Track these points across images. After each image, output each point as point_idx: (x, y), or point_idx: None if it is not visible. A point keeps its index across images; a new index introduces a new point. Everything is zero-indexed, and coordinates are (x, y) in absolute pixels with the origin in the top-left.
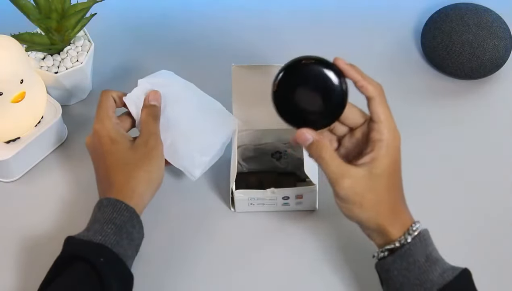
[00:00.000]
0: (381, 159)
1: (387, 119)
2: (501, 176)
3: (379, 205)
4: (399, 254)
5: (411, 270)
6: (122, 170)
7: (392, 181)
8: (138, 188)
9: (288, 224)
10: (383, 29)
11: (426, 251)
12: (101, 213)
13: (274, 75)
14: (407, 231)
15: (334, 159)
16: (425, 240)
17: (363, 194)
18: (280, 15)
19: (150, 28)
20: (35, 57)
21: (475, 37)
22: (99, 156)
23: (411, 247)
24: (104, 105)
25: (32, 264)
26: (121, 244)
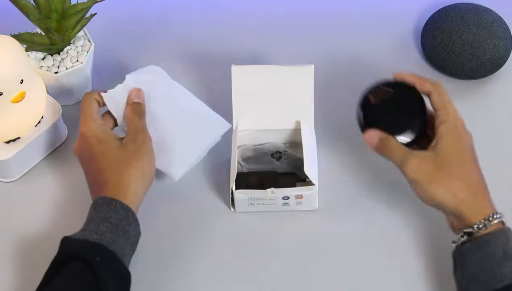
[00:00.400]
0: (444, 137)
1: (444, 106)
2: (501, 176)
3: (452, 184)
4: (478, 243)
5: (488, 260)
6: (114, 169)
7: (462, 159)
8: (131, 185)
9: (288, 224)
10: (383, 29)
11: (505, 245)
12: (96, 212)
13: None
14: (486, 218)
15: (399, 147)
16: (506, 234)
17: (432, 171)
18: (280, 15)
19: (150, 28)
20: (35, 57)
21: (475, 37)
22: (88, 158)
23: (491, 238)
24: (87, 107)
25: (32, 263)
26: (117, 242)
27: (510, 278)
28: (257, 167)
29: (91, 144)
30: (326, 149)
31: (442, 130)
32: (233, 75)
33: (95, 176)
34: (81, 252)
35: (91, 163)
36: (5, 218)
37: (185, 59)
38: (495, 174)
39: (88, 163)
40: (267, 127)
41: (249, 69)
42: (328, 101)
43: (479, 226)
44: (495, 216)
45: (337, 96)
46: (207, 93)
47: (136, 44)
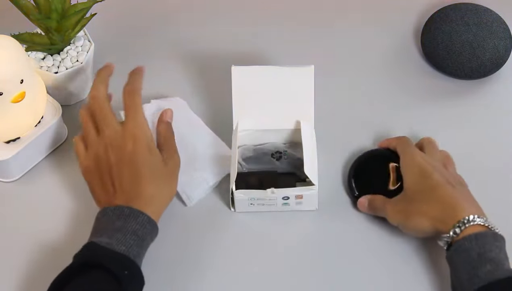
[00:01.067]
0: (405, 177)
1: (403, 152)
2: (502, 176)
3: (422, 209)
4: (453, 250)
5: (464, 265)
6: (154, 183)
7: (424, 187)
8: (162, 203)
9: (288, 224)
10: (383, 29)
11: (480, 249)
12: (122, 222)
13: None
14: (458, 224)
15: (381, 201)
16: (482, 238)
17: (405, 209)
18: (280, 14)
19: (150, 28)
20: (35, 57)
21: (475, 37)
22: (127, 160)
23: (465, 243)
24: (141, 109)
25: (32, 263)
26: (141, 256)
27: (485, 279)
28: (257, 167)
29: (140, 152)
30: (326, 148)
31: (403, 173)
32: (233, 76)
33: (128, 181)
34: (109, 263)
35: (128, 167)
36: (4, 218)
37: (185, 59)
38: (495, 174)
39: (123, 164)
40: (267, 128)
41: (249, 69)
42: (328, 101)
43: (451, 236)
44: (470, 220)
45: (337, 96)
46: (207, 93)
47: (136, 44)
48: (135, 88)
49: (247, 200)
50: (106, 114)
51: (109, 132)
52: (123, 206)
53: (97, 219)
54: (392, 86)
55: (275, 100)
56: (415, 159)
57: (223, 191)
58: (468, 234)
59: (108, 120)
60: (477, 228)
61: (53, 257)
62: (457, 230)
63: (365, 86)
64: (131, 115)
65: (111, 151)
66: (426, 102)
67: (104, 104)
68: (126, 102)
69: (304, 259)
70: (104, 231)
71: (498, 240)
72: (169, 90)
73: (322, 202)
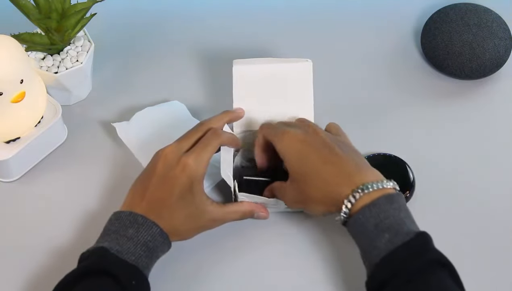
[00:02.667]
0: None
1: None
2: (502, 176)
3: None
4: (349, 225)
5: (363, 238)
6: (177, 217)
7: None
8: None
9: (290, 224)
10: (383, 29)
11: (376, 219)
12: (134, 231)
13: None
14: (348, 198)
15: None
16: (376, 208)
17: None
18: (280, 14)
19: (150, 28)
20: (35, 57)
21: (475, 37)
22: (168, 181)
23: (359, 216)
24: (212, 150)
25: (32, 264)
26: (149, 267)
27: (385, 249)
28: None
29: (182, 183)
30: None
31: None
32: (234, 76)
33: (157, 199)
34: (119, 271)
35: (164, 187)
36: (4, 218)
37: (185, 59)
38: (495, 174)
39: (163, 183)
40: None
41: (249, 69)
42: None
43: (345, 212)
44: (359, 191)
45: (337, 96)
46: (207, 92)
47: (136, 44)
48: (222, 134)
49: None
50: (203, 141)
51: (174, 148)
52: (137, 214)
53: (110, 220)
54: (392, 86)
55: (275, 99)
56: (284, 143)
57: (225, 192)
58: (361, 206)
59: (188, 142)
60: (371, 196)
61: (53, 257)
62: (346, 209)
63: (365, 86)
64: (198, 149)
65: (163, 163)
66: (426, 102)
67: (214, 138)
68: (206, 136)
69: (306, 259)
70: (115, 235)
71: (394, 201)
72: (169, 90)
73: None
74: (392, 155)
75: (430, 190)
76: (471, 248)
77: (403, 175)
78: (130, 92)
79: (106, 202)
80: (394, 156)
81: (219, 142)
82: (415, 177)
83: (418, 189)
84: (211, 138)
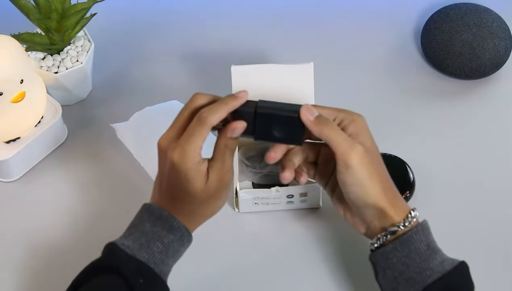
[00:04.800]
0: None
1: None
2: (502, 176)
3: (381, 184)
4: (401, 241)
5: (412, 257)
6: (189, 205)
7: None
8: (199, 220)
9: (292, 223)
10: (383, 29)
11: (427, 240)
12: (150, 225)
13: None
14: (406, 217)
15: (341, 132)
16: (427, 229)
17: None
18: (280, 15)
19: (150, 28)
20: (35, 57)
21: (475, 37)
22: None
23: (413, 234)
24: (198, 140)
25: (32, 264)
26: (165, 262)
27: (439, 271)
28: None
29: (177, 178)
30: None
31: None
32: (233, 76)
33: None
34: (125, 268)
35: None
36: (5, 218)
37: (185, 59)
38: (495, 174)
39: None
40: None
41: (249, 69)
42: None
43: (404, 224)
44: (413, 213)
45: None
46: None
47: (136, 44)
48: (206, 119)
49: (252, 199)
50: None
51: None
52: (155, 206)
53: (137, 213)
54: (392, 86)
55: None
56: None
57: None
58: (414, 225)
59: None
60: (417, 221)
61: (53, 257)
62: (410, 220)
63: (365, 86)
64: (183, 140)
65: (164, 157)
66: (426, 102)
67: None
68: (190, 124)
69: (308, 257)
70: (134, 229)
71: (430, 231)
72: (168, 90)
73: (326, 199)
74: (392, 155)
75: (430, 190)
76: (471, 247)
77: (403, 175)
78: (130, 92)
79: (106, 202)
80: (394, 156)
81: (206, 129)
82: (415, 177)
83: (418, 189)
84: (195, 127)
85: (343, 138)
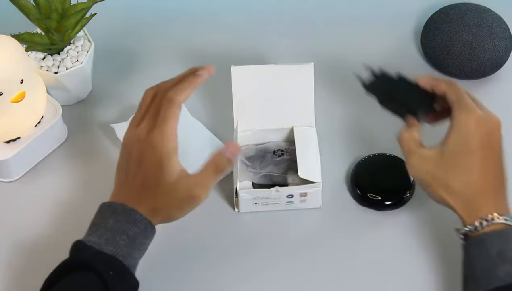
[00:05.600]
0: (449, 136)
1: (458, 102)
2: None
3: (450, 186)
4: (472, 242)
5: (482, 260)
6: (157, 197)
7: (465, 161)
8: (161, 217)
9: (293, 223)
10: (383, 29)
11: (501, 246)
12: (113, 221)
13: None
14: (481, 220)
15: (410, 140)
16: (505, 237)
17: (432, 173)
18: (280, 15)
19: (150, 28)
20: (35, 57)
21: (475, 37)
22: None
23: (486, 238)
24: (174, 118)
25: (31, 264)
26: (132, 256)
27: (504, 279)
28: (260, 164)
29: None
30: (329, 146)
31: (451, 128)
32: (233, 76)
33: (134, 182)
34: (95, 263)
35: (139, 170)
36: (5, 218)
37: (185, 59)
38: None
39: (137, 165)
40: (268, 127)
41: (249, 69)
42: (329, 101)
43: (471, 230)
44: (494, 218)
45: (337, 96)
46: (206, 92)
47: (136, 44)
48: (174, 99)
49: (252, 199)
50: (160, 115)
51: (142, 130)
52: (116, 203)
53: (95, 214)
54: None
55: (276, 99)
56: (471, 122)
57: (227, 192)
58: (490, 230)
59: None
60: (502, 226)
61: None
62: (483, 224)
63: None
64: (158, 123)
65: (136, 146)
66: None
67: (168, 108)
68: (161, 108)
69: (309, 257)
70: (97, 227)
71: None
72: None
73: (326, 199)
74: (392, 155)
75: None
76: None
77: (403, 175)
78: (130, 92)
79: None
80: (394, 156)
81: (178, 109)
82: None
83: (418, 189)
84: (167, 109)
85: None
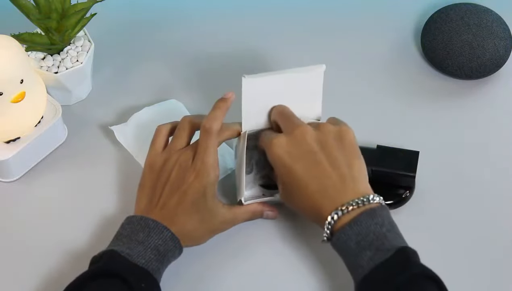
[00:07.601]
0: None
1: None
2: (502, 176)
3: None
4: (333, 242)
5: (346, 255)
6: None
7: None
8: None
9: (292, 222)
10: (383, 29)
11: (357, 237)
12: (145, 235)
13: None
14: (329, 222)
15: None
16: (358, 226)
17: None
18: (279, 15)
19: (150, 29)
20: (35, 57)
21: (475, 37)
22: (181, 189)
23: (341, 235)
24: (213, 147)
25: (31, 264)
26: (159, 271)
27: (367, 267)
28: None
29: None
30: None
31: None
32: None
33: (171, 206)
34: (128, 273)
35: (178, 195)
36: (4, 218)
37: (186, 59)
38: (495, 174)
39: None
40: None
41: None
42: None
43: (327, 230)
44: (339, 212)
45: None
46: (206, 92)
47: (136, 44)
48: (211, 128)
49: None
50: (201, 145)
51: (185, 156)
52: (149, 219)
53: (122, 225)
54: (392, 86)
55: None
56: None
57: (227, 191)
58: (342, 224)
59: (193, 149)
60: (352, 213)
61: (52, 257)
62: (327, 229)
63: (365, 86)
64: (200, 154)
65: (176, 171)
66: (426, 102)
67: (208, 139)
68: (200, 138)
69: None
70: (127, 239)
71: (376, 216)
72: (168, 90)
73: None
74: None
75: (430, 189)
76: (471, 247)
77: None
78: (130, 92)
79: (106, 202)
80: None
81: (215, 138)
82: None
83: (418, 189)
84: (206, 140)
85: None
